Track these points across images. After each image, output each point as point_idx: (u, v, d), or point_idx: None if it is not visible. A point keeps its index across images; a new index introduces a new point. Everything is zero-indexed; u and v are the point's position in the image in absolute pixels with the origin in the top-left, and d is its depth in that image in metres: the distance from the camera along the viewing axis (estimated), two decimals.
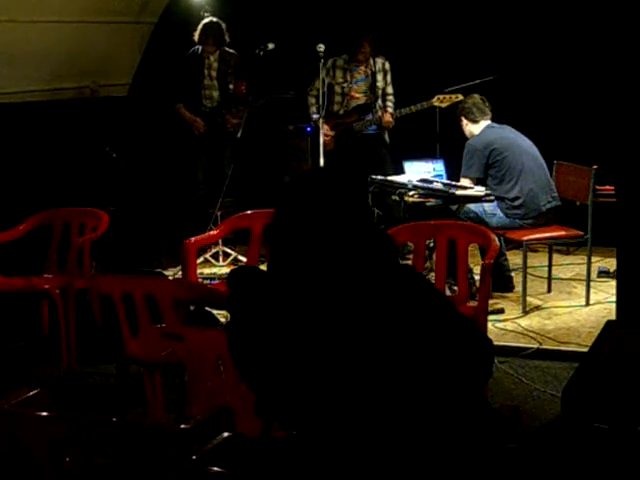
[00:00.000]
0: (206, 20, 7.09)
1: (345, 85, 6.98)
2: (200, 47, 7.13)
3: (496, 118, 6.08)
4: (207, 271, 6.72)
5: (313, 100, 7.05)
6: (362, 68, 6.96)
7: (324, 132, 6.72)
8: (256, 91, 7.01)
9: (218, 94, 7.18)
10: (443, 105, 6.61)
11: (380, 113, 6.91)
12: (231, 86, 7.17)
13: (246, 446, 2.35)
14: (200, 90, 7.17)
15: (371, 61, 6.94)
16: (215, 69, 7.16)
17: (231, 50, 7.19)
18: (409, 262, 4.94)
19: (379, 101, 6.99)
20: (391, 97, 7.00)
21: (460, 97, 6.52)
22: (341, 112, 7.02)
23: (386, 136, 7.04)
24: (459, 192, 5.61)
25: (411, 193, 5.63)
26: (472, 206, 5.83)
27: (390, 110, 6.92)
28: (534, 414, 4.23)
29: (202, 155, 7.25)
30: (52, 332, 5.19)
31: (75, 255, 5.16)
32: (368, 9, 7.22)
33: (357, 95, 7.00)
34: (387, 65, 6.99)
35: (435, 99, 6.61)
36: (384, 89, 7.01)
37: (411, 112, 6.74)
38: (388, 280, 2.17)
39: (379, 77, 6.97)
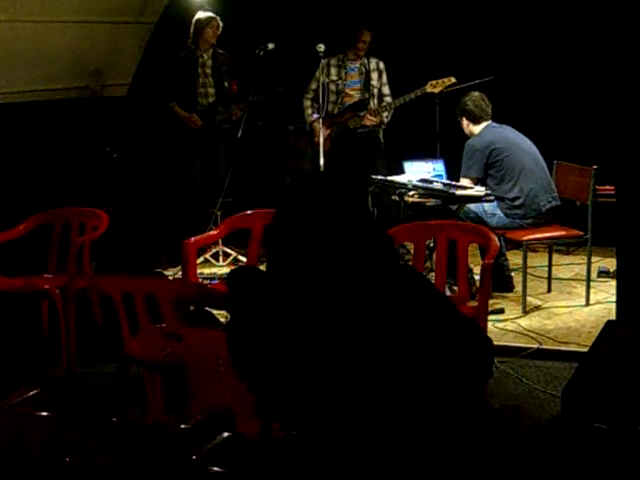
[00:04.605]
0: (201, 16, 7.09)
1: (340, 82, 6.94)
2: (193, 47, 7.13)
3: (496, 118, 6.08)
4: (207, 271, 6.71)
5: (308, 103, 7.05)
6: (356, 65, 6.93)
7: (318, 133, 6.71)
8: (255, 90, 7.01)
9: (214, 91, 7.19)
10: (436, 90, 6.55)
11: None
12: (225, 84, 7.18)
13: (246, 446, 2.35)
14: (195, 88, 7.17)
15: (365, 60, 6.91)
16: (209, 66, 7.17)
17: (221, 50, 7.22)
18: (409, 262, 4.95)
19: (375, 101, 6.95)
20: (388, 98, 6.94)
21: (453, 80, 6.52)
22: (335, 111, 6.98)
23: (380, 135, 7.02)
24: (459, 192, 5.61)
25: (411, 193, 5.63)
26: (472, 206, 5.83)
27: (383, 112, 6.86)
28: (534, 414, 4.23)
29: (197, 154, 7.24)
30: (52, 332, 5.19)
31: (75, 255, 5.16)
32: (365, 5, 7.21)
33: (351, 93, 6.96)
34: (382, 65, 6.94)
35: (428, 85, 6.55)
36: (380, 89, 6.96)
37: (405, 102, 6.70)
38: (388, 281, 2.17)
39: (374, 76, 6.92)
